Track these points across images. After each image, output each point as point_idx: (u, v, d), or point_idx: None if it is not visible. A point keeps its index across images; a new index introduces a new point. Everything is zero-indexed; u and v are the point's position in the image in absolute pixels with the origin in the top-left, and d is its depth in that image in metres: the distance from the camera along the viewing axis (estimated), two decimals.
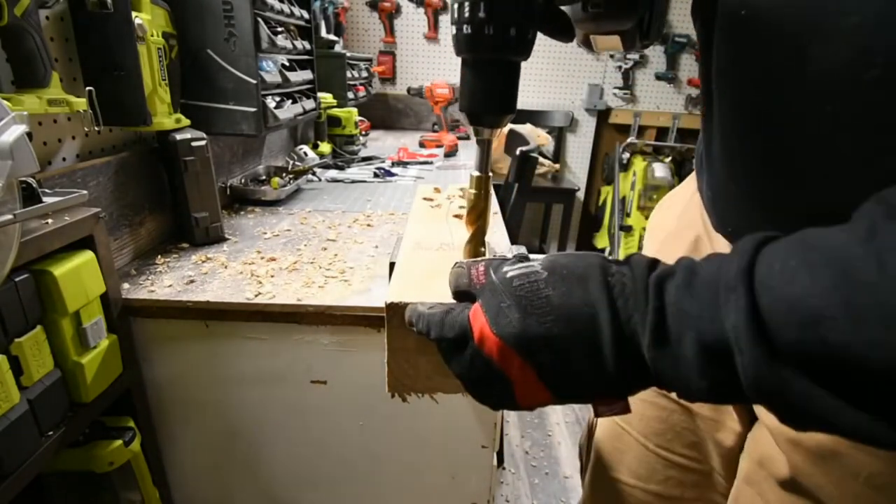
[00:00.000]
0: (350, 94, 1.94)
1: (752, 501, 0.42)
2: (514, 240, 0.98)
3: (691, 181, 0.55)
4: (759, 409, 0.43)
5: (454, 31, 0.37)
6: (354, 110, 1.91)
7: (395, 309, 0.41)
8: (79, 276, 0.59)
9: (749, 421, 0.45)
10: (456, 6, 0.35)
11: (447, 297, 0.43)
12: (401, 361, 0.43)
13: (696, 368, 0.24)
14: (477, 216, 0.43)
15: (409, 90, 2.33)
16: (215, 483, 0.86)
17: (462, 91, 0.39)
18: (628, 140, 2.82)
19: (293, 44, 1.17)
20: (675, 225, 0.53)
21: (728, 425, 0.46)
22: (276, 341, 0.74)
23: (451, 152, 2.00)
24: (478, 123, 0.40)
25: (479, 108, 0.39)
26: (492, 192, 0.47)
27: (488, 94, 0.39)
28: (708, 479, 0.50)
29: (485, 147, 0.42)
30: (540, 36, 0.39)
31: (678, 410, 0.50)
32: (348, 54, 1.91)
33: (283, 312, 0.72)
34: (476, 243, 0.44)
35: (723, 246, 0.44)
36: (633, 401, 0.51)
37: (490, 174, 0.43)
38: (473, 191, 0.43)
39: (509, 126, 2.42)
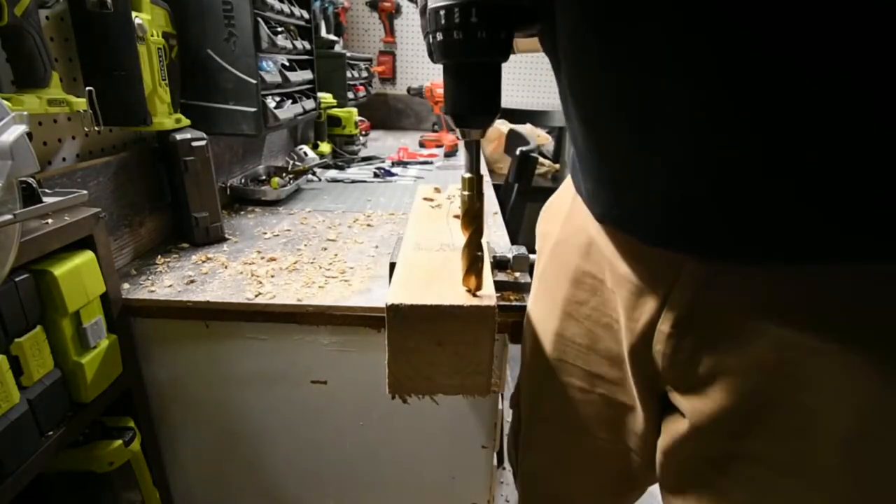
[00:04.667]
0: (350, 94, 1.94)
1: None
2: (514, 240, 0.98)
3: (567, 187, 0.56)
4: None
5: (438, 38, 0.36)
6: (354, 110, 1.91)
7: (396, 311, 0.41)
8: (79, 276, 0.59)
9: (653, 412, 0.47)
10: (443, 13, 0.35)
11: (448, 299, 0.43)
12: (401, 363, 0.44)
13: None
14: (472, 218, 0.43)
15: (409, 90, 2.33)
16: (215, 483, 0.86)
17: (447, 95, 0.40)
18: None
19: (293, 44, 1.16)
20: (561, 232, 0.54)
21: (638, 412, 0.48)
22: (277, 341, 0.74)
23: (451, 152, 2.00)
24: (465, 125, 0.40)
25: (468, 110, 0.40)
26: (488, 192, 0.47)
27: (477, 96, 0.39)
28: (630, 456, 0.53)
29: (473, 148, 0.42)
30: None
31: (595, 401, 0.52)
32: (348, 54, 1.90)
33: (284, 312, 0.72)
34: (473, 245, 0.44)
35: (612, 249, 0.45)
36: (554, 400, 0.55)
37: (482, 175, 0.43)
38: (466, 192, 0.43)
39: (509, 126, 2.42)
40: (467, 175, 0.43)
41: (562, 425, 0.56)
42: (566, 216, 0.55)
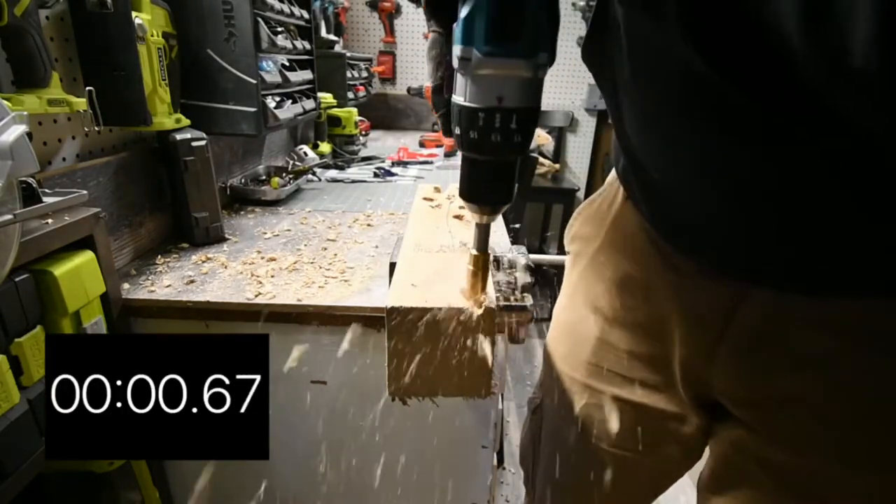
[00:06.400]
0: (350, 94, 1.94)
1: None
2: (513, 240, 0.98)
3: (609, 189, 0.54)
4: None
5: (472, 136, 0.36)
6: (354, 110, 1.91)
7: (396, 313, 0.41)
8: (79, 275, 0.59)
9: (708, 418, 0.48)
10: (482, 115, 0.35)
11: (448, 301, 0.43)
12: (401, 365, 0.43)
13: None
14: (477, 292, 0.44)
15: (409, 90, 2.33)
16: (215, 482, 0.86)
17: (464, 180, 0.40)
18: None
19: (293, 44, 1.16)
20: (607, 236, 0.53)
21: (690, 420, 0.48)
22: (276, 341, 0.74)
23: (451, 152, 2.00)
24: (479, 212, 0.41)
25: (485, 199, 0.40)
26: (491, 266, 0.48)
27: (497, 187, 0.40)
28: (661, 467, 0.53)
29: (484, 230, 0.42)
30: None
31: (629, 411, 0.51)
32: (348, 54, 1.90)
33: (284, 312, 0.72)
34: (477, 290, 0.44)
35: (669, 264, 0.44)
36: (586, 407, 0.54)
37: (489, 253, 0.44)
38: (471, 268, 0.43)
39: None
40: (475, 252, 0.43)
41: (590, 436, 0.55)
42: (613, 220, 0.52)
